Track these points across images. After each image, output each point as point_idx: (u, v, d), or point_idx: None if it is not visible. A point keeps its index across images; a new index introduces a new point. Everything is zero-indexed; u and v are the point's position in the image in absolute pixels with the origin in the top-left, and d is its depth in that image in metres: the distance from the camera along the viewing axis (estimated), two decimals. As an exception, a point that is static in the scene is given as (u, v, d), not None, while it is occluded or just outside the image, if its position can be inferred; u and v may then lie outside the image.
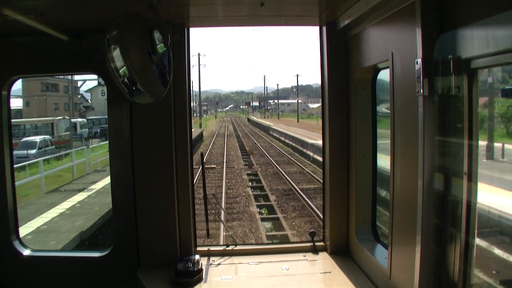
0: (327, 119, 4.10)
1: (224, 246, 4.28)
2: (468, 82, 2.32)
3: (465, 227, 2.38)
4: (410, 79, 2.57)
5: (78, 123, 48.83)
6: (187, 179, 3.99)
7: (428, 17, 2.45)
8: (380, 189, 3.89)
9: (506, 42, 1.99)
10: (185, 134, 3.99)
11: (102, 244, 14.03)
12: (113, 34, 2.98)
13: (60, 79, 61.57)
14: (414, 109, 2.56)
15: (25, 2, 3.11)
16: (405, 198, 2.92)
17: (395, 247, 3.07)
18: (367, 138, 3.84)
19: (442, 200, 2.47)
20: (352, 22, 3.53)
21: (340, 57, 3.99)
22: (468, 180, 2.35)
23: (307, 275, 3.76)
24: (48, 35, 3.50)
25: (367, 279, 3.56)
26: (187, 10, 3.69)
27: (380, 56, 3.24)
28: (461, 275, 2.39)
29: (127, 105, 3.87)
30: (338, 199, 4.09)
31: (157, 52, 3.04)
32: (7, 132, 3.98)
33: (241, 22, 4.23)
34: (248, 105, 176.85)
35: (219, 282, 3.66)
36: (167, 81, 3.12)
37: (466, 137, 2.35)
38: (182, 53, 3.91)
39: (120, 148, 3.99)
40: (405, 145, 2.92)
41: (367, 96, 3.83)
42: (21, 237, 4.16)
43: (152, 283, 3.63)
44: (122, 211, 4.06)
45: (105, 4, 3.28)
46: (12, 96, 4.17)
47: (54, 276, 4.04)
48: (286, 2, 3.60)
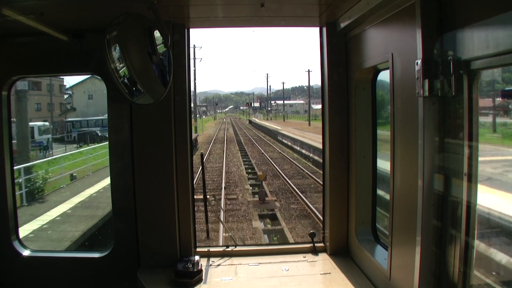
0: (327, 120, 4.10)
1: (224, 247, 4.28)
2: (468, 82, 2.32)
3: (465, 228, 2.38)
4: (410, 80, 2.57)
5: (36, 127, 38.32)
6: (187, 179, 3.99)
7: (428, 18, 2.45)
8: (380, 189, 3.88)
9: (506, 42, 1.99)
10: (185, 134, 3.99)
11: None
12: (113, 34, 2.98)
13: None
14: (414, 109, 2.56)
15: (25, 2, 3.11)
16: (405, 199, 2.92)
17: (395, 248, 3.07)
18: (367, 139, 3.84)
19: (442, 201, 2.47)
20: (352, 22, 3.53)
21: (340, 58, 3.99)
22: (468, 181, 2.35)
23: (307, 276, 3.75)
24: (48, 35, 3.50)
25: (367, 280, 3.55)
26: (187, 11, 3.69)
27: (380, 57, 3.24)
28: (461, 275, 2.39)
29: (127, 105, 3.87)
30: (338, 200, 4.09)
31: (157, 52, 3.04)
32: (7, 132, 3.98)
33: (241, 23, 4.23)
34: (250, 105, 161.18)
35: (218, 283, 3.66)
36: (167, 81, 3.12)
37: (466, 137, 2.35)
38: (182, 53, 3.91)
39: (120, 148, 3.99)
40: (405, 146, 2.92)
41: (367, 96, 3.83)
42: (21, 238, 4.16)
43: (152, 284, 3.63)
44: (122, 211, 4.06)
45: (105, 4, 3.28)
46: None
47: (54, 277, 4.03)
48: (286, 3, 3.60)
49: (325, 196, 4.25)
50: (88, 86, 63.81)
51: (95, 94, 64.89)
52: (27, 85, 45.39)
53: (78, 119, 55.30)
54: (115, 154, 4.06)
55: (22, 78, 5.87)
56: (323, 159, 4.29)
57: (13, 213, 4.05)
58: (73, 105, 67.74)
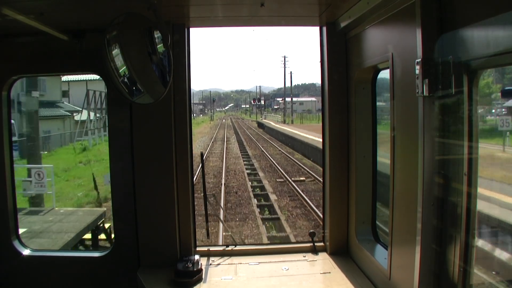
0: (327, 119, 4.10)
1: (224, 246, 4.28)
2: (468, 82, 2.32)
3: (464, 228, 2.38)
4: (410, 80, 2.57)
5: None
6: (187, 179, 3.99)
7: (428, 17, 2.45)
8: (380, 189, 3.89)
9: (506, 42, 1.99)
10: (185, 134, 3.99)
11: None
12: (113, 34, 2.99)
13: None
14: (414, 109, 2.56)
15: (25, 2, 3.11)
16: (405, 199, 2.92)
17: (395, 248, 3.07)
18: (367, 138, 3.85)
19: (442, 200, 2.47)
20: (352, 22, 3.53)
21: (340, 58, 3.99)
22: (468, 181, 2.35)
23: (306, 276, 3.75)
24: (48, 35, 3.50)
25: (367, 279, 3.56)
26: (187, 11, 3.69)
27: (380, 57, 3.24)
28: (461, 275, 2.39)
29: (127, 105, 3.87)
30: (338, 199, 4.09)
31: (157, 52, 3.05)
32: (7, 132, 3.99)
33: (241, 23, 4.23)
34: (257, 102, 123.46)
35: (218, 282, 3.66)
36: (167, 81, 3.12)
37: (466, 138, 2.35)
38: (182, 53, 3.91)
39: (120, 148, 3.99)
40: (405, 146, 2.92)
41: (367, 96, 3.83)
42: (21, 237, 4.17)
43: (152, 283, 3.63)
44: (122, 211, 4.06)
45: (105, 4, 3.28)
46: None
47: (54, 276, 4.04)
48: (286, 2, 3.60)
49: (325, 196, 4.25)
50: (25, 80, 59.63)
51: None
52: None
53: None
54: (115, 154, 4.07)
55: (22, 78, 5.88)
56: (323, 159, 4.29)
57: (13, 213, 4.06)
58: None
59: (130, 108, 3.88)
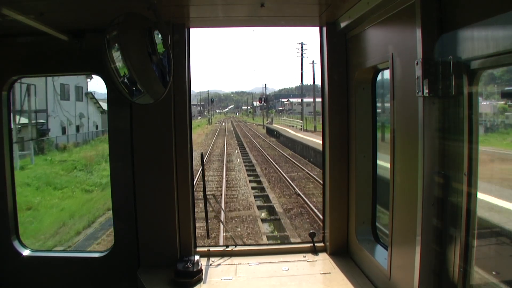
0: (327, 119, 4.10)
1: (224, 247, 4.28)
2: (468, 82, 2.32)
3: (465, 228, 2.38)
4: (410, 80, 2.56)
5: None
6: (187, 179, 3.99)
7: (428, 17, 2.45)
8: (380, 189, 3.88)
9: (506, 42, 1.99)
10: (185, 134, 3.99)
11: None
12: (113, 34, 2.99)
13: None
14: (414, 109, 2.56)
15: (25, 2, 3.11)
16: (405, 199, 2.92)
17: (395, 248, 3.07)
18: (367, 138, 3.85)
19: (442, 200, 2.47)
20: (352, 22, 3.53)
21: (340, 58, 3.99)
22: (468, 181, 2.35)
23: (307, 276, 3.75)
24: (48, 35, 3.50)
25: (367, 279, 3.56)
26: (187, 11, 3.70)
27: (380, 57, 3.24)
28: (461, 275, 2.39)
29: (127, 105, 3.87)
30: (338, 200, 4.09)
31: (157, 52, 3.05)
32: (7, 132, 3.99)
33: (241, 23, 4.23)
34: (264, 102, 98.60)
35: (218, 282, 3.66)
36: (167, 81, 3.12)
37: (466, 138, 2.35)
38: (182, 53, 3.91)
39: (120, 148, 3.99)
40: (405, 146, 2.92)
41: (367, 96, 3.83)
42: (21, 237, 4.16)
43: (152, 284, 3.63)
44: (122, 211, 4.06)
45: (105, 4, 3.28)
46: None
47: (54, 276, 4.04)
48: (286, 2, 3.60)
49: (325, 196, 4.25)
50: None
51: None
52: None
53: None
54: (115, 154, 4.07)
55: (22, 78, 5.89)
56: (323, 158, 4.29)
57: (13, 213, 4.06)
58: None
59: (130, 108, 3.88)
